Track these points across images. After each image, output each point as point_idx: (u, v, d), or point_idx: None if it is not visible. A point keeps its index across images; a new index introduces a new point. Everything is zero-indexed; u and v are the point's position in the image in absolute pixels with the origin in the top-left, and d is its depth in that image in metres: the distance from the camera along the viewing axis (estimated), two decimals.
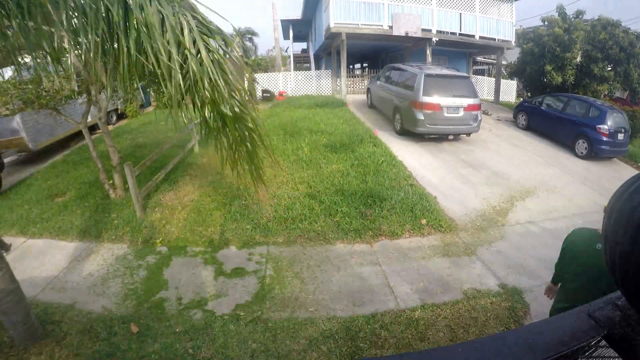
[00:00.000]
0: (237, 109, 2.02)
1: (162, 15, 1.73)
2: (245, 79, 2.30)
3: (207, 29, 1.93)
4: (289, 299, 3.73)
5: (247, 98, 2.16)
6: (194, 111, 2.07)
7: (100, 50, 1.71)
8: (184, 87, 1.85)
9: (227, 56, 2.06)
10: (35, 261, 4.41)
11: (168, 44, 1.73)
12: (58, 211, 5.54)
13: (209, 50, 1.87)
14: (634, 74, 12.16)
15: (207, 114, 2.01)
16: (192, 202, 5.75)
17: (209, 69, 1.84)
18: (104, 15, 1.66)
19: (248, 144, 2.26)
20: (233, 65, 2.03)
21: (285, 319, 3.44)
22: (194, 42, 1.81)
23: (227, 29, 2.12)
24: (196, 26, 1.83)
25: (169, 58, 1.74)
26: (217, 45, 1.97)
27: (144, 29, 1.66)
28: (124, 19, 1.67)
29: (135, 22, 1.68)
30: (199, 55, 1.83)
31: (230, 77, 1.97)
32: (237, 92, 2.04)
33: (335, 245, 4.71)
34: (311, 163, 7.04)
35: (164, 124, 11.06)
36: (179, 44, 1.77)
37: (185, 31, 1.77)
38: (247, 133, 2.20)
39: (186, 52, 1.78)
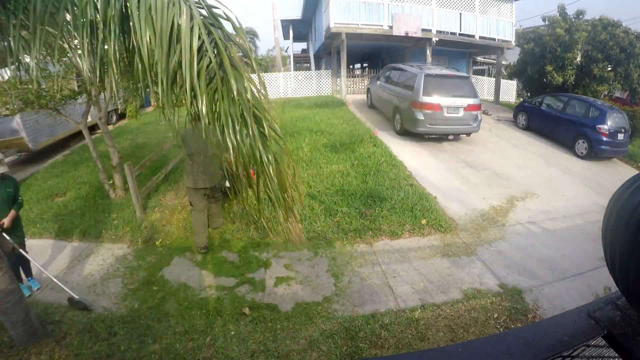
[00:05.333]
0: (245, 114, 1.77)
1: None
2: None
3: (213, 18, 1.84)
4: (288, 299, 3.73)
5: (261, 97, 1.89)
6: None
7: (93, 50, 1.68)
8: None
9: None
10: (36, 261, 4.40)
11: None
12: (58, 211, 5.54)
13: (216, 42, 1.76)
14: (634, 74, 12.16)
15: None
16: None
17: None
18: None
19: (270, 168, 1.87)
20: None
21: (284, 318, 3.44)
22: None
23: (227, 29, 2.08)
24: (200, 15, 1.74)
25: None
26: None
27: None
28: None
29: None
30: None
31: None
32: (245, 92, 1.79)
33: (335, 245, 4.71)
34: (311, 163, 7.04)
35: (164, 124, 11.08)
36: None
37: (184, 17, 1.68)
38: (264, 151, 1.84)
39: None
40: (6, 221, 3.49)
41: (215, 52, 1.80)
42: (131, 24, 1.64)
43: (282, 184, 2.01)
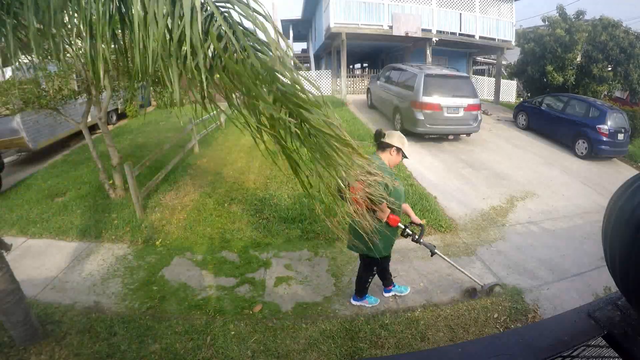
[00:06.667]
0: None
1: None
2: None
3: None
4: (288, 299, 3.73)
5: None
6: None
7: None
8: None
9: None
10: (35, 261, 4.41)
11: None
12: (58, 211, 5.54)
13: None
14: (634, 74, 12.17)
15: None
16: (192, 202, 5.75)
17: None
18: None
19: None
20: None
21: (285, 318, 3.44)
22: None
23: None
24: None
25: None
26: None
27: None
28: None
29: None
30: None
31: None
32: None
33: (335, 245, 4.71)
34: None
35: (164, 124, 11.09)
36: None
37: None
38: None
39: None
40: (418, 218, 3.18)
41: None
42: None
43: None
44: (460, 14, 13.79)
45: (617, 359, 0.62)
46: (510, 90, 18.97)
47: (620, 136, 8.59)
